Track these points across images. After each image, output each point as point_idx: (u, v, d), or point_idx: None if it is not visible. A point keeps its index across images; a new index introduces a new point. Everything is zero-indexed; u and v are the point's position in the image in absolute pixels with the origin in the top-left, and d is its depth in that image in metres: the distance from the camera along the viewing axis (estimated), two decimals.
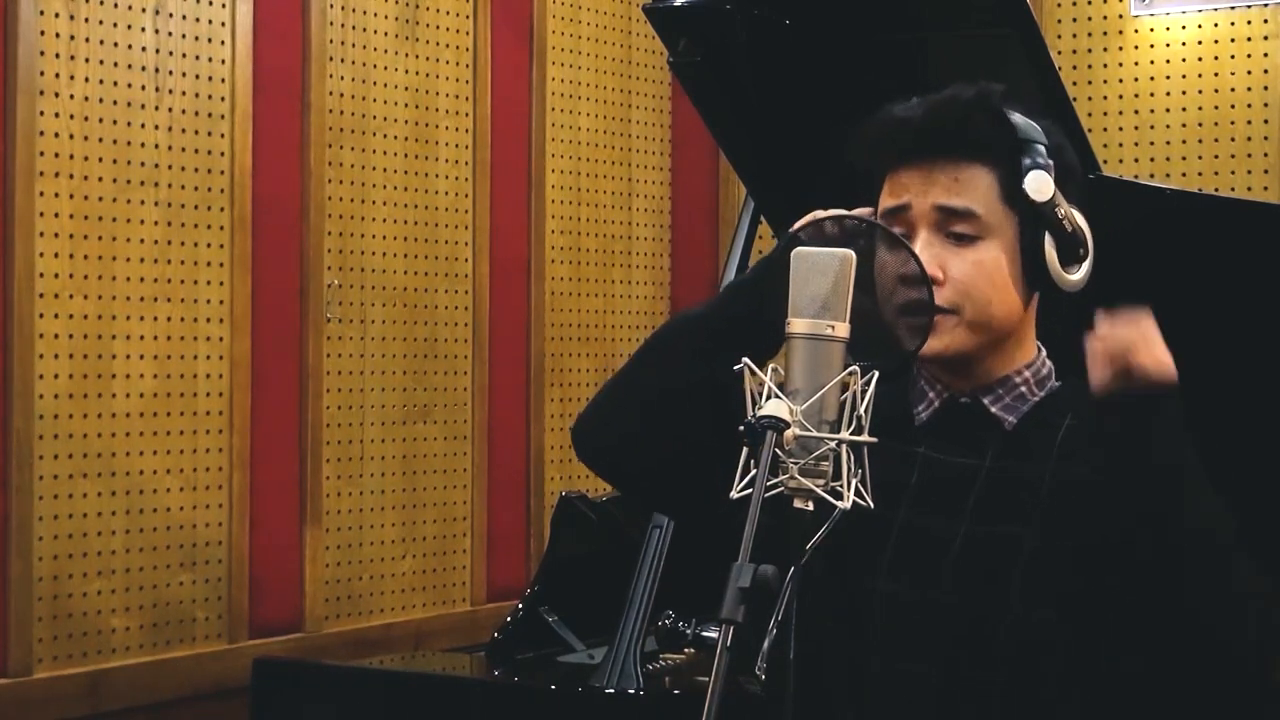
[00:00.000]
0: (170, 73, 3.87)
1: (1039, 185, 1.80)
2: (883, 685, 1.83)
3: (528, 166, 4.76)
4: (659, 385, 1.87)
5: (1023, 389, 1.88)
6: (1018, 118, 1.84)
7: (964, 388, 1.89)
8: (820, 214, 1.80)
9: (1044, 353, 1.91)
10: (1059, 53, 4.75)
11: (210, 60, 3.95)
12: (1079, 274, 1.86)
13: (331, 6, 4.22)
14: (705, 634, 3.02)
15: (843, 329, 1.64)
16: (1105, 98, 4.82)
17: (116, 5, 3.76)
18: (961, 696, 1.81)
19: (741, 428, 1.61)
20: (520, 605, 3.33)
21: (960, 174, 1.83)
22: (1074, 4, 4.87)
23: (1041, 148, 1.82)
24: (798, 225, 1.79)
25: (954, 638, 1.81)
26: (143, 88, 3.81)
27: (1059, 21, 4.86)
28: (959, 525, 1.83)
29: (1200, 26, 4.72)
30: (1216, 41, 4.70)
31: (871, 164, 1.89)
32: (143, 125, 3.82)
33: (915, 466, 1.86)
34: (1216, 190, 4.60)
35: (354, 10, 4.28)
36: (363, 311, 4.31)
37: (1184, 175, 4.72)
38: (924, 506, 1.84)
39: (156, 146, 3.85)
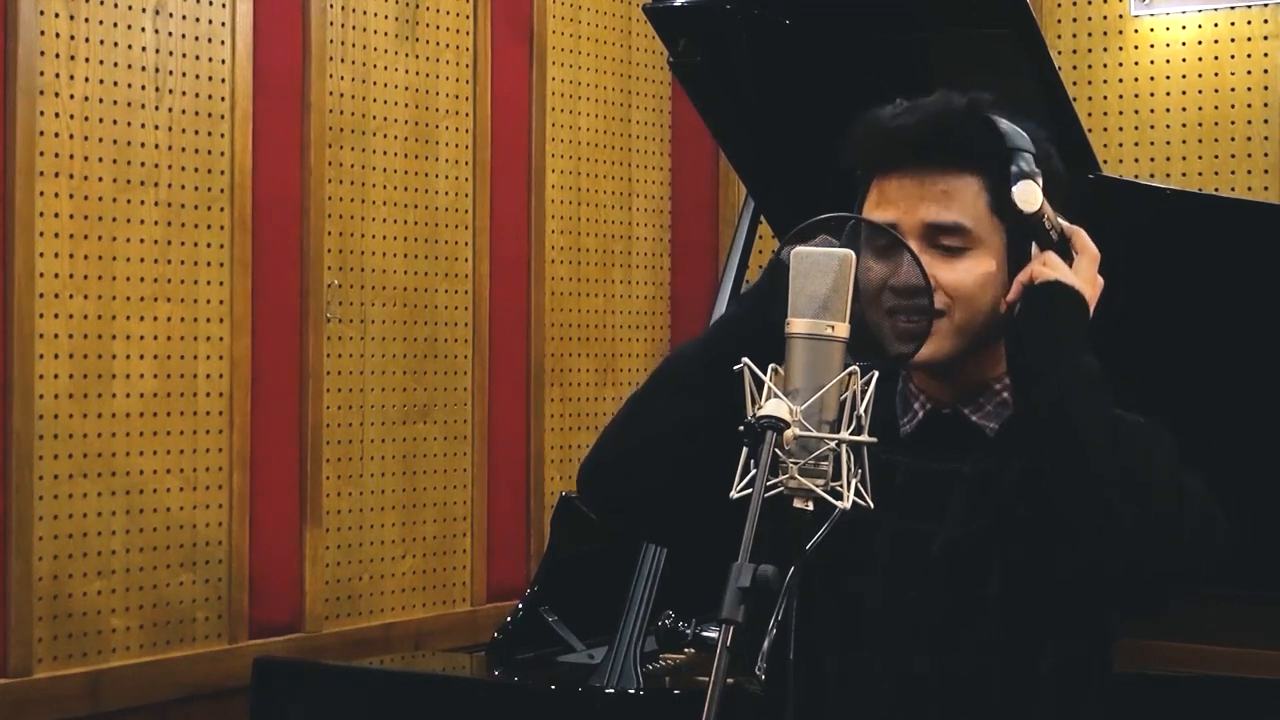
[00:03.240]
0: (170, 73, 3.87)
1: (1027, 196, 1.79)
2: (878, 685, 1.83)
3: (528, 166, 4.76)
4: (665, 428, 1.86)
5: (1004, 395, 1.88)
6: (1005, 124, 1.83)
7: (947, 398, 1.89)
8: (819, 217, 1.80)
9: None
10: (1059, 53, 4.75)
11: (210, 60, 3.95)
12: None
13: (331, 6, 4.22)
14: (705, 634, 3.02)
15: (842, 329, 1.64)
16: (1105, 98, 4.82)
17: (116, 5, 3.76)
18: (957, 690, 1.82)
19: (741, 428, 1.61)
20: (520, 605, 3.33)
21: (949, 186, 1.83)
22: (1074, 4, 4.86)
23: (1029, 155, 1.80)
24: (795, 230, 1.78)
25: (942, 633, 1.82)
26: (143, 88, 3.81)
27: (1059, 21, 4.86)
28: (940, 527, 1.84)
29: (1200, 26, 4.72)
30: (1216, 41, 4.70)
31: (859, 166, 1.89)
32: (143, 125, 3.81)
33: (897, 474, 1.87)
34: (1216, 190, 4.60)
35: (354, 10, 4.28)
36: (363, 311, 4.31)
37: (1184, 175, 4.71)
38: (906, 511, 1.85)
39: (156, 146, 3.85)
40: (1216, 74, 4.70)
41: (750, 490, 1.58)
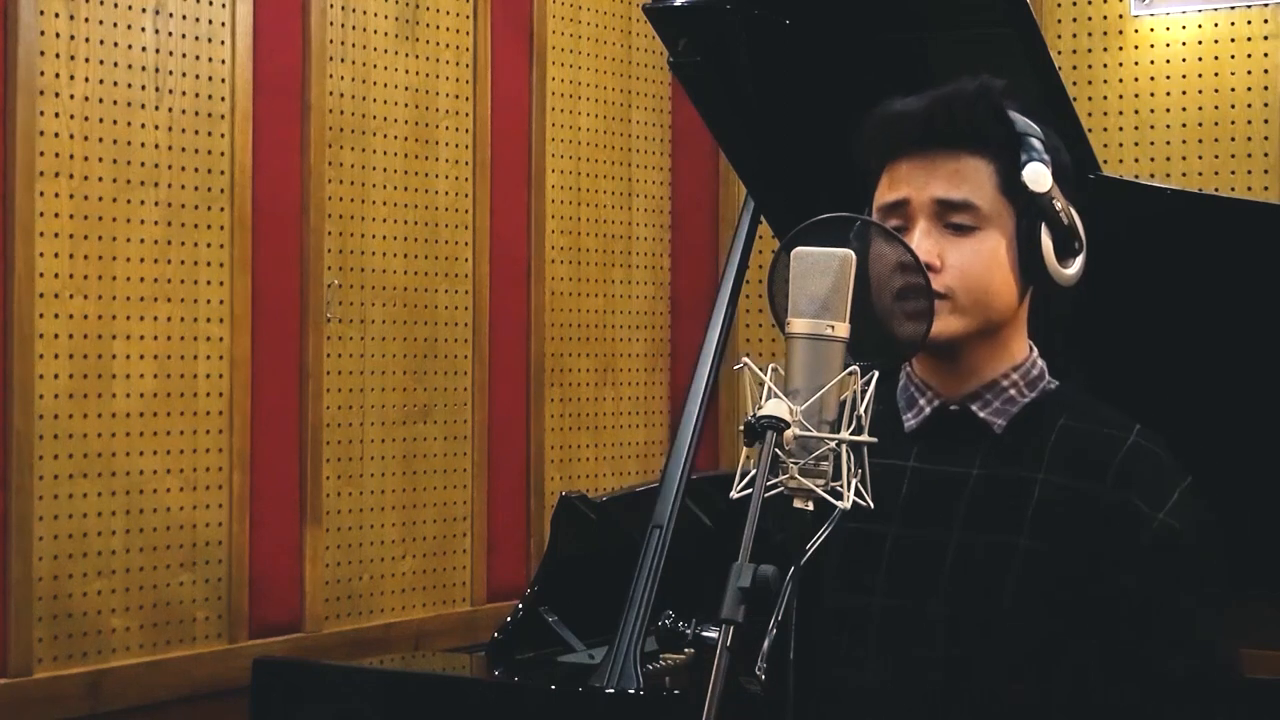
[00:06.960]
0: (170, 73, 3.87)
1: (1037, 177, 1.81)
2: (882, 695, 1.83)
3: (528, 166, 4.76)
4: None
5: (1011, 391, 1.87)
6: (1015, 114, 1.86)
7: (953, 392, 1.89)
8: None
9: (1035, 352, 1.91)
10: (1059, 53, 4.75)
11: (210, 60, 3.95)
12: (1073, 268, 1.87)
13: (331, 6, 4.22)
14: (705, 634, 3.01)
15: (842, 329, 1.64)
16: (1105, 98, 4.82)
17: (116, 5, 3.76)
18: (961, 705, 1.80)
19: (741, 427, 1.61)
20: (520, 605, 3.32)
21: (960, 165, 1.84)
22: (1074, 4, 4.86)
23: (1039, 142, 1.83)
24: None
25: (951, 646, 1.81)
26: (143, 88, 3.81)
27: (1059, 21, 4.86)
28: (951, 534, 1.83)
29: (1200, 26, 4.72)
30: (1216, 41, 4.70)
31: (871, 156, 1.90)
32: (143, 125, 3.82)
33: (905, 478, 1.86)
34: (1216, 190, 4.60)
35: (354, 10, 4.28)
36: (363, 311, 4.31)
37: (1184, 175, 4.72)
38: (916, 517, 1.84)
39: (156, 146, 3.85)
40: (1216, 74, 4.70)
41: (750, 490, 1.58)
